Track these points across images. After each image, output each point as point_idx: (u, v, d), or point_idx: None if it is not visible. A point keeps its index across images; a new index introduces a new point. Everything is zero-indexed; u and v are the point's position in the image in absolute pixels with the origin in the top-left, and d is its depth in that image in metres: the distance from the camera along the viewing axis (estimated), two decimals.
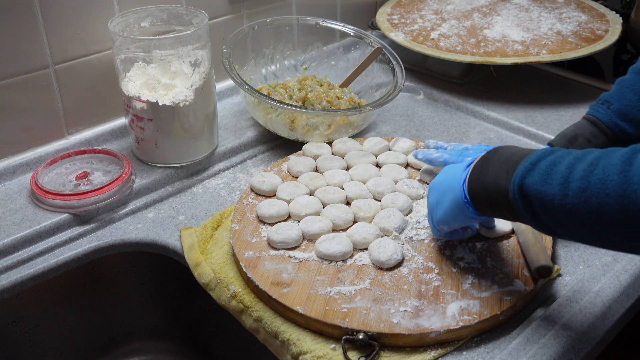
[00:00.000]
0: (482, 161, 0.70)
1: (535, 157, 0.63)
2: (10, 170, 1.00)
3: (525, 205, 0.63)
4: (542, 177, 0.61)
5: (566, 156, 0.61)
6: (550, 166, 0.61)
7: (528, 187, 0.62)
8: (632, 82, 0.84)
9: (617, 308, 0.79)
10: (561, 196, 0.59)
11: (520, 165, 0.64)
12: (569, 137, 0.88)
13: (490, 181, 0.67)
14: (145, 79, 0.97)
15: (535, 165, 0.62)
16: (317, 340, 0.74)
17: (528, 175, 0.62)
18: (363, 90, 1.21)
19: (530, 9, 1.38)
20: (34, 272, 0.87)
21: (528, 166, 0.63)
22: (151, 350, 1.05)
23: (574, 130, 0.88)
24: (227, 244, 0.88)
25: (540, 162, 0.62)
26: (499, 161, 0.67)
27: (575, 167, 0.59)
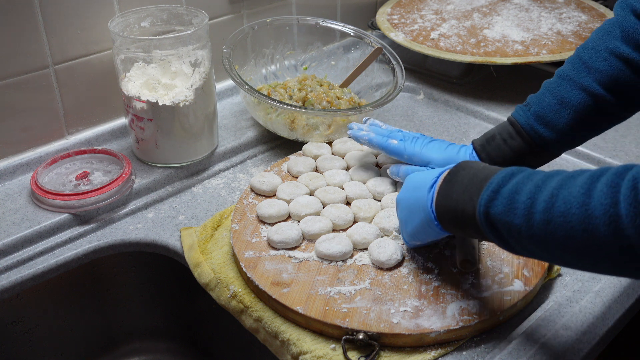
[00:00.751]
0: (446, 184, 0.70)
1: (496, 184, 0.63)
2: (10, 170, 1.00)
3: (493, 233, 0.63)
4: (506, 207, 0.61)
5: (526, 183, 0.61)
6: (512, 195, 0.61)
7: (493, 217, 0.62)
8: (554, 85, 0.83)
9: (617, 308, 0.79)
10: (527, 227, 0.59)
11: (482, 192, 0.64)
12: (487, 137, 0.88)
13: (456, 205, 0.67)
14: (145, 79, 0.97)
15: (498, 194, 0.62)
16: (317, 340, 0.74)
17: (492, 204, 0.62)
18: (363, 90, 1.21)
19: (530, 9, 1.38)
20: (34, 272, 0.87)
21: (490, 194, 0.63)
22: (151, 350, 1.05)
23: (494, 130, 0.88)
24: (227, 244, 0.88)
25: (502, 190, 0.62)
26: (462, 184, 0.67)
27: (537, 197, 0.59)
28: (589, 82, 0.79)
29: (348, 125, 0.99)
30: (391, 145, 0.93)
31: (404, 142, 0.92)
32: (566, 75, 0.82)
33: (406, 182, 0.80)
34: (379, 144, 0.94)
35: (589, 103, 0.79)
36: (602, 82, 0.78)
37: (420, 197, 0.73)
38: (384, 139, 0.94)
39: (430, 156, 0.90)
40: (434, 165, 0.89)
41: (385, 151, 0.94)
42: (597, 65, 0.79)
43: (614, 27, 0.79)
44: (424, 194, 0.72)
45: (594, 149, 1.07)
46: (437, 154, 0.90)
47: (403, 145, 0.92)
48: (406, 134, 0.95)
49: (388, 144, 0.93)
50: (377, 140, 0.94)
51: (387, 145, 0.93)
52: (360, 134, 0.96)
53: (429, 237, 0.77)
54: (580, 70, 0.80)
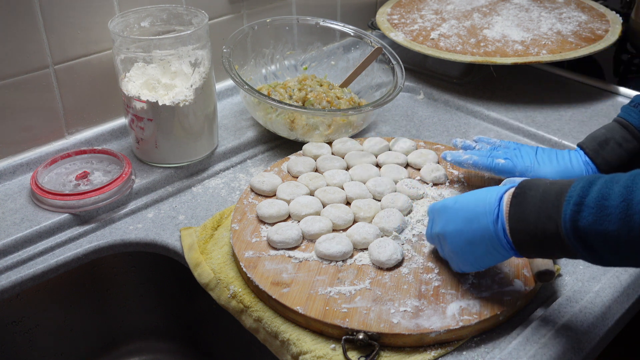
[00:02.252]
0: (515, 208, 0.66)
1: (578, 196, 0.60)
2: (10, 170, 1.00)
3: (583, 247, 0.61)
4: (596, 216, 0.58)
5: (612, 187, 0.59)
6: (600, 201, 0.58)
7: (584, 230, 0.59)
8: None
9: (617, 308, 0.79)
10: (626, 231, 0.57)
11: (563, 207, 0.61)
12: (599, 141, 0.86)
13: (534, 229, 0.64)
14: (145, 79, 0.97)
15: (582, 205, 0.59)
16: (317, 340, 0.74)
17: (579, 217, 0.59)
18: (363, 90, 1.21)
19: (530, 9, 1.38)
20: (34, 272, 0.87)
21: (574, 207, 0.60)
22: (151, 350, 1.05)
23: (605, 134, 0.86)
24: (227, 244, 0.88)
25: (586, 200, 0.59)
26: (534, 205, 0.64)
27: (632, 198, 0.57)
28: None
29: (442, 155, 0.96)
30: (499, 165, 0.90)
31: (512, 160, 0.90)
32: None
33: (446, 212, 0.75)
34: (486, 166, 0.91)
35: None
36: None
37: (482, 229, 0.69)
38: (490, 160, 0.91)
39: (544, 170, 0.87)
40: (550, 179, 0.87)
41: (494, 172, 0.91)
42: None
43: None
44: (488, 225, 0.69)
45: None
46: (551, 167, 0.87)
47: (512, 163, 0.90)
48: (504, 150, 0.92)
49: (496, 164, 0.90)
50: (482, 162, 0.91)
51: (495, 166, 0.90)
52: (462, 158, 0.93)
53: (492, 264, 0.73)
54: None
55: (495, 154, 0.92)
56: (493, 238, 0.69)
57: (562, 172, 0.87)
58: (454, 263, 0.77)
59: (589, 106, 1.23)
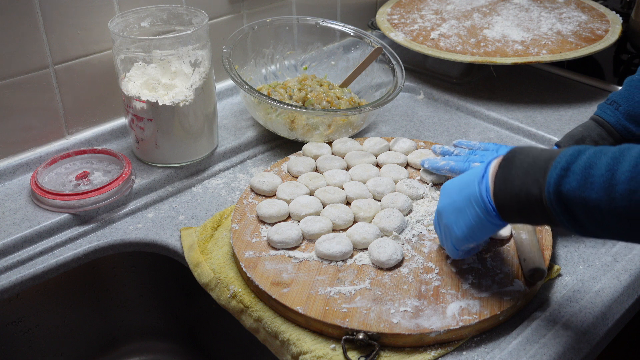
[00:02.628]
0: (503, 170, 0.66)
1: (565, 162, 0.60)
2: (10, 170, 1.00)
3: (564, 212, 0.61)
4: (580, 183, 0.58)
5: (600, 156, 0.59)
6: (586, 169, 0.58)
7: (567, 194, 0.59)
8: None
9: (617, 308, 0.79)
10: (607, 200, 0.57)
11: (549, 171, 0.61)
12: (576, 139, 0.86)
13: (518, 191, 0.64)
14: (145, 79, 0.97)
15: (569, 170, 0.60)
16: (317, 340, 0.74)
17: (563, 181, 0.59)
18: (363, 90, 1.21)
19: (530, 9, 1.38)
20: (34, 272, 0.87)
21: (560, 172, 0.60)
22: (151, 350, 1.05)
23: (582, 132, 0.86)
24: (227, 244, 0.88)
25: (573, 166, 0.59)
26: (522, 168, 0.64)
27: (617, 169, 0.57)
28: None
29: (420, 162, 0.97)
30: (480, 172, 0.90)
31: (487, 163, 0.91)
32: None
33: (444, 190, 0.76)
34: (462, 171, 0.91)
35: None
36: None
37: (470, 194, 0.70)
38: (467, 165, 0.91)
39: None
40: None
41: None
42: None
43: None
44: (474, 189, 0.69)
45: None
46: None
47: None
48: (481, 152, 0.92)
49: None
50: (459, 167, 0.91)
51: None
52: (439, 164, 0.93)
53: (483, 234, 0.72)
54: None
55: (472, 158, 0.92)
56: (478, 201, 0.68)
57: None
58: (449, 242, 0.76)
59: (589, 106, 1.23)
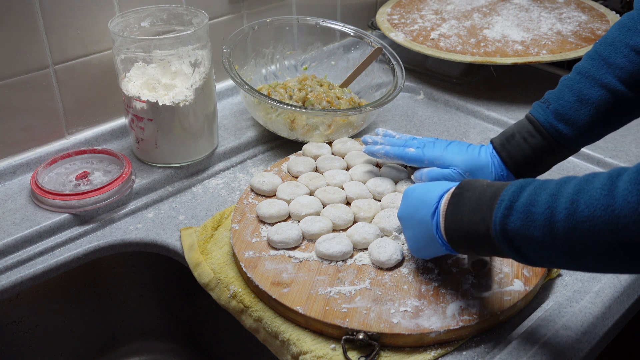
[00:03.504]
0: (452, 207, 0.68)
1: (509, 200, 0.62)
2: (10, 170, 1.00)
3: (511, 249, 0.63)
4: (523, 221, 0.60)
5: (540, 193, 0.60)
6: (528, 207, 0.60)
7: (512, 233, 0.61)
8: (572, 81, 0.83)
9: (617, 308, 0.79)
10: (550, 238, 0.58)
11: (495, 210, 0.63)
12: (507, 135, 0.87)
13: (468, 228, 0.66)
14: (145, 79, 0.97)
15: (512, 210, 0.61)
16: (317, 340, 0.74)
17: (507, 221, 0.61)
18: (363, 90, 1.21)
19: (530, 9, 1.38)
20: (34, 272, 0.87)
21: (504, 211, 0.62)
22: (151, 350, 1.05)
23: (513, 129, 0.87)
24: (227, 244, 0.88)
25: (516, 205, 0.61)
26: (470, 206, 0.66)
27: (555, 206, 0.58)
28: (609, 78, 0.78)
29: (362, 139, 0.99)
30: (409, 153, 0.92)
31: (422, 148, 0.92)
32: (585, 71, 0.81)
33: (405, 197, 0.78)
34: (396, 155, 0.93)
35: (609, 100, 0.79)
36: (623, 79, 0.78)
37: (423, 220, 0.72)
38: (401, 149, 0.93)
39: (452, 159, 0.89)
40: (456, 168, 0.89)
41: (403, 161, 0.93)
42: (617, 61, 0.78)
43: (634, 22, 0.78)
44: (427, 218, 0.71)
45: (594, 149, 1.07)
46: (458, 156, 0.89)
47: (422, 151, 0.91)
48: (421, 140, 0.94)
49: (406, 153, 0.92)
50: (393, 151, 0.93)
51: (405, 154, 0.92)
52: (375, 149, 0.95)
53: (436, 254, 0.76)
54: (600, 66, 0.80)
55: (408, 143, 0.94)
56: (430, 231, 0.71)
57: (468, 161, 0.89)
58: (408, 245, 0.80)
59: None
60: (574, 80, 0.83)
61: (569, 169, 1.05)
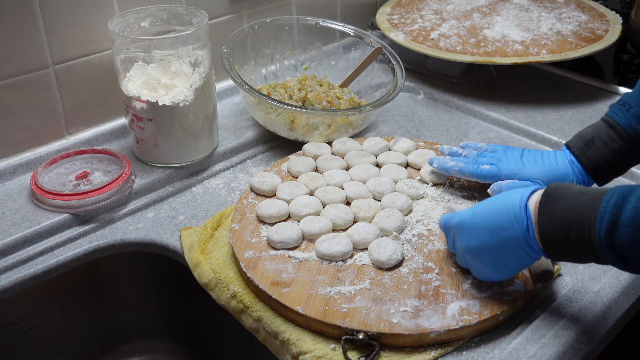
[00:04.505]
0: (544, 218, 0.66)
1: (611, 214, 0.60)
2: (10, 170, 1.00)
3: (619, 261, 0.62)
4: (633, 236, 0.59)
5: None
6: (636, 221, 0.59)
7: (621, 247, 0.60)
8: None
9: (617, 308, 0.79)
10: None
11: (597, 223, 0.61)
12: (585, 140, 0.86)
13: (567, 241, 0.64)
14: (145, 79, 0.97)
15: (617, 224, 0.60)
16: (317, 340, 0.74)
17: (614, 236, 0.60)
18: (363, 90, 1.21)
19: (530, 9, 1.38)
20: (34, 272, 0.87)
21: (608, 226, 0.60)
22: (151, 350, 1.05)
23: (592, 133, 0.86)
24: (227, 244, 0.88)
25: (621, 218, 0.60)
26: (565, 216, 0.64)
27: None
28: None
29: (428, 161, 0.97)
30: (485, 171, 0.90)
31: (497, 164, 0.90)
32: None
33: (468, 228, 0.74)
34: (471, 173, 0.91)
35: None
36: None
37: (511, 239, 0.69)
38: (476, 167, 0.91)
39: (530, 171, 0.87)
40: (536, 180, 0.87)
41: (479, 178, 0.91)
42: None
43: None
44: (517, 235, 0.69)
45: None
46: (536, 167, 0.88)
47: (497, 168, 0.90)
48: (491, 154, 0.92)
49: (481, 170, 0.90)
50: (468, 169, 0.91)
51: (481, 172, 0.90)
52: (448, 165, 0.93)
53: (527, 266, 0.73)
54: None
55: (480, 160, 0.92)
56: (524, 247, 0.69)
57: (548, 172, 0.87)
58: (483, 276, 0.76)
59: (589, 106, 1.23)
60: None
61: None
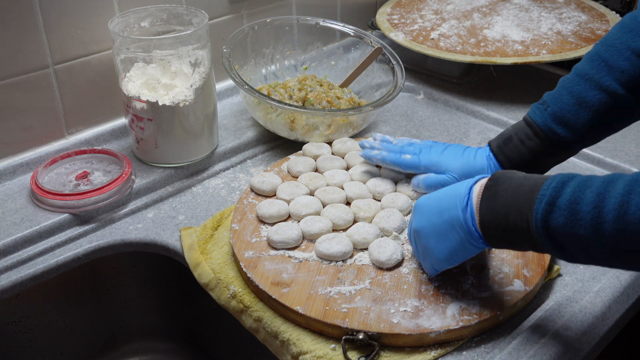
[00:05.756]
0: (487, 201, 0.66)
1: (550, 196, 0.60)
2: (10, 170, 1.00)
3: (553, 245, 0.62)
4: (567, 219, 0.59)
5: (585, 191, 0.59)
6: (572, 205, 0.59)
7: (555, 230, 0.60)
8: (571, 83, 0.81)
9: (617, 308, 0.79)
10: (596, 237, 0.58)
11: (535, 204, 0.61)
12: (504, 138, 0.86)
13: (505, 222, 0.64)
14: (145, 79, 0.97)
15: (554, 205, 0.60)
16: (317, 340, 0.74)
17: (550, 217, 0.60)
18: (363, 90, 1.21)
19: (530, 9, 1.38)
20: (34, 272, 0.87)
21: (546, 207, 0.60)
22: (151, 350, 1.05)
23: (511, 131, 0.86)
24: (227, 244, 0.88)
25: (558, 201, 0.60)
26: (506, 199, 0.64)
27: (603, 206, 0.57)
28: (610, 81, 0.77)
29: (359, 143, 0.98)
30: (405, 160, 0.91)
31: (418, 155, 0.91)
32: (585, 73, 0.80)
33: (420, 208, 0.75)
34: (392, 161, 0.92)
35: (609, 103, 0.78)
36: (623, 82, 0.77)
37: (452, 219, 0.69)
38: (397, 155, 0.92)
39: (447, 164, 0.89)
40: (452, 173, 0.88)
41: (400, 167, 0.92)
42: (618, 64, 0.77)
43: (636, 23, 0.77)
44: (458, 215, 0.69)
45: (594, 149, 1.07)
46: (454, 161, 0.89)
47: (417, 158, 0.91)
48: (417, 146, 0.93)
49: (402, 159, 0.92)
50: (390, 157, 0.93)
51: (402, 161, 0.92)
52: (372, 154, 0.95)
53: (466, 257, 0.72)
54: (600, 68, 0.78)
55: (405, 150, 0.93)
56: (463, 227, 0.69)
57: (464, 166, 0.88)
58: (428, 262, 0.76)
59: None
60: (573, 82, 0.81)
61: (569, 169, 1.05)
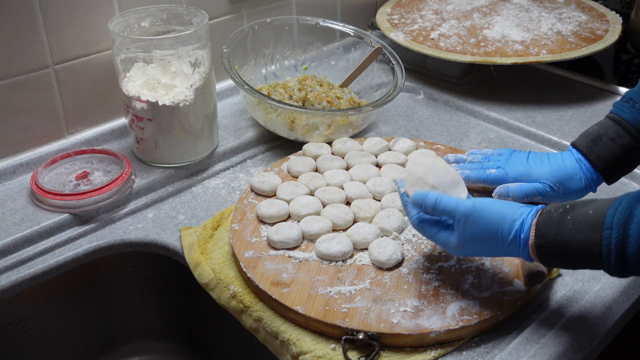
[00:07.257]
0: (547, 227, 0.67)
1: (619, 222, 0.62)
2: (10, 170, 1.00)
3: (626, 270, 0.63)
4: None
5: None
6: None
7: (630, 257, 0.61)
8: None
9: (617, 308, 0.79)
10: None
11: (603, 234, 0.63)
12: (592, 137, 0.86)
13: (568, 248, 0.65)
14: (145, 79, 0.97)
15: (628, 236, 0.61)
16: (317, 340, 0.74)
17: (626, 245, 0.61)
18: (363, 90, 1.21)
19: (530, 9, 1.38)
20: (34, 272, 0.87)
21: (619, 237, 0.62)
22: (151, 350, 1.05)
23: (598, 130, 0.86)
24: (227, 244, 0.88)
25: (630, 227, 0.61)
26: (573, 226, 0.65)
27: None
28: None
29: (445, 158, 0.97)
30: (491, 175, 0.91)
31: (503, 168, 0.90)
32: None
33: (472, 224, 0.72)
34: (478, 178, 0.92)
35: None
36: None
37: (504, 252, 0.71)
38: (482, 172, 0.92)
39: (538, 173, 0.88)
40: (545, 182, 0.87)
41: (486, 183, 0.91)
42: None
43: None
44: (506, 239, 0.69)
45: None
46: (543, 168, 0.88)
47: (504, 171, 0.90)
48: (496, 158, 0.93)
49: (488, 175, 0.91)
50: (474, 175, 0.92)
51: (488, 177, 0.91)
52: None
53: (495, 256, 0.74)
54: None
55: (486, 165, 0.93)
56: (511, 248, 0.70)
57: (555, 172, 0.87)
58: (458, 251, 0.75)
59: (589, 106, 1.23)
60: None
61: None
